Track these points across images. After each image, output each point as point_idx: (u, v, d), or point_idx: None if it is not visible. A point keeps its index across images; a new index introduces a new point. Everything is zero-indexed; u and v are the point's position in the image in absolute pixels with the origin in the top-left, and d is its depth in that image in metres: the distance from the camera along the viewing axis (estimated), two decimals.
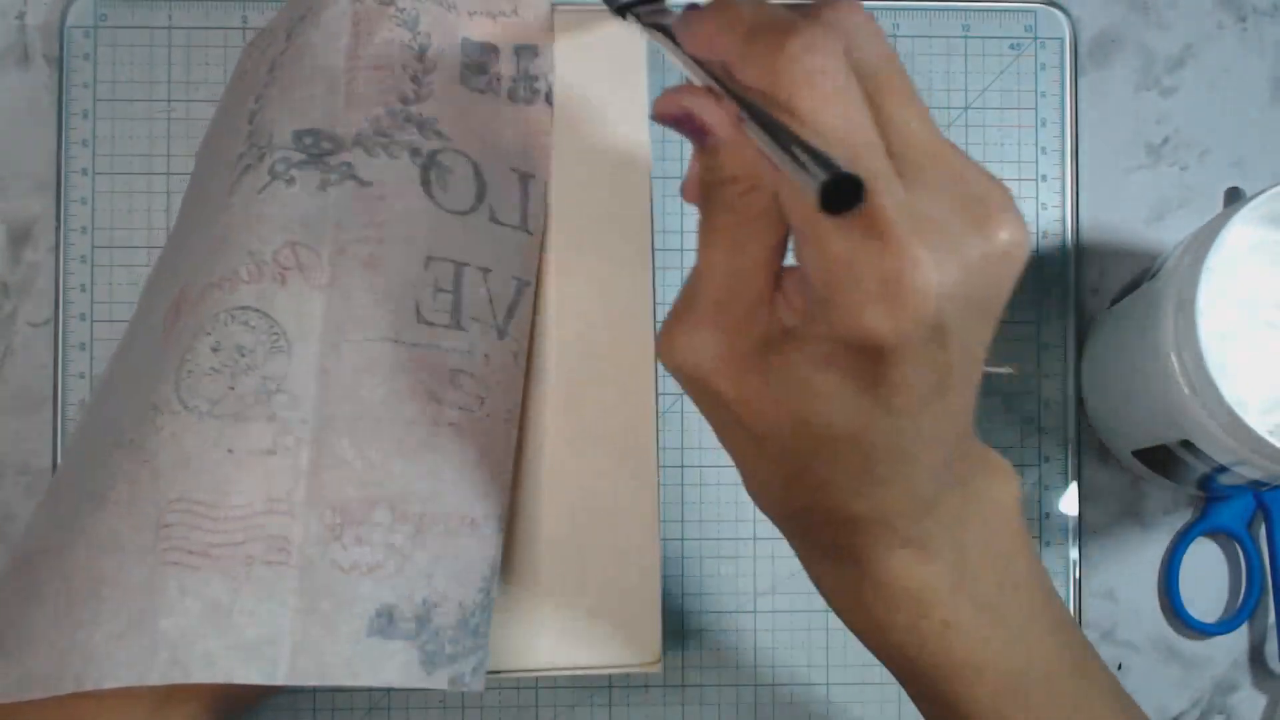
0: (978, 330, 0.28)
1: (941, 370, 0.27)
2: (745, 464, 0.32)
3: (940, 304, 0.26)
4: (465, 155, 0.41)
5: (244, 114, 0.41)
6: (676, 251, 0.49)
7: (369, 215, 0.39)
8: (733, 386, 0.29)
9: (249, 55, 0.44)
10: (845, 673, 0.49)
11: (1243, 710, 0.50)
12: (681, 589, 0.49)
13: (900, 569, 0.31)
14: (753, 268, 0.29)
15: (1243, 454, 0.40)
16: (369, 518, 0.37)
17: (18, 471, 0.48)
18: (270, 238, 0.38)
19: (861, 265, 0.26)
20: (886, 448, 0.29)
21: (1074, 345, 0.50)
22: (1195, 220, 0.46)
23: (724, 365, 0.29)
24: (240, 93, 0.43)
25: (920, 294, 0.26)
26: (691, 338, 0.29)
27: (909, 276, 0.25)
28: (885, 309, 0.26)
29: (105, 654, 0.34)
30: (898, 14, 0.50)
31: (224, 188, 0.40)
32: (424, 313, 0.39)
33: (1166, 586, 0.50)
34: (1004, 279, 0.27)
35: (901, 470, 0.29)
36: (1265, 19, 0.51)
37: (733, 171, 0.29)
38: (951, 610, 0.32)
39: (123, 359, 0.41)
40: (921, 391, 0.28)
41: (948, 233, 0.26)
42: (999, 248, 0.27)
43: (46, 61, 0.49)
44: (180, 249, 0.41)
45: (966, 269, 0.26)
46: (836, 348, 0.27)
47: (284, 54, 0.41)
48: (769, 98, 0.27)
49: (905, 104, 0.27)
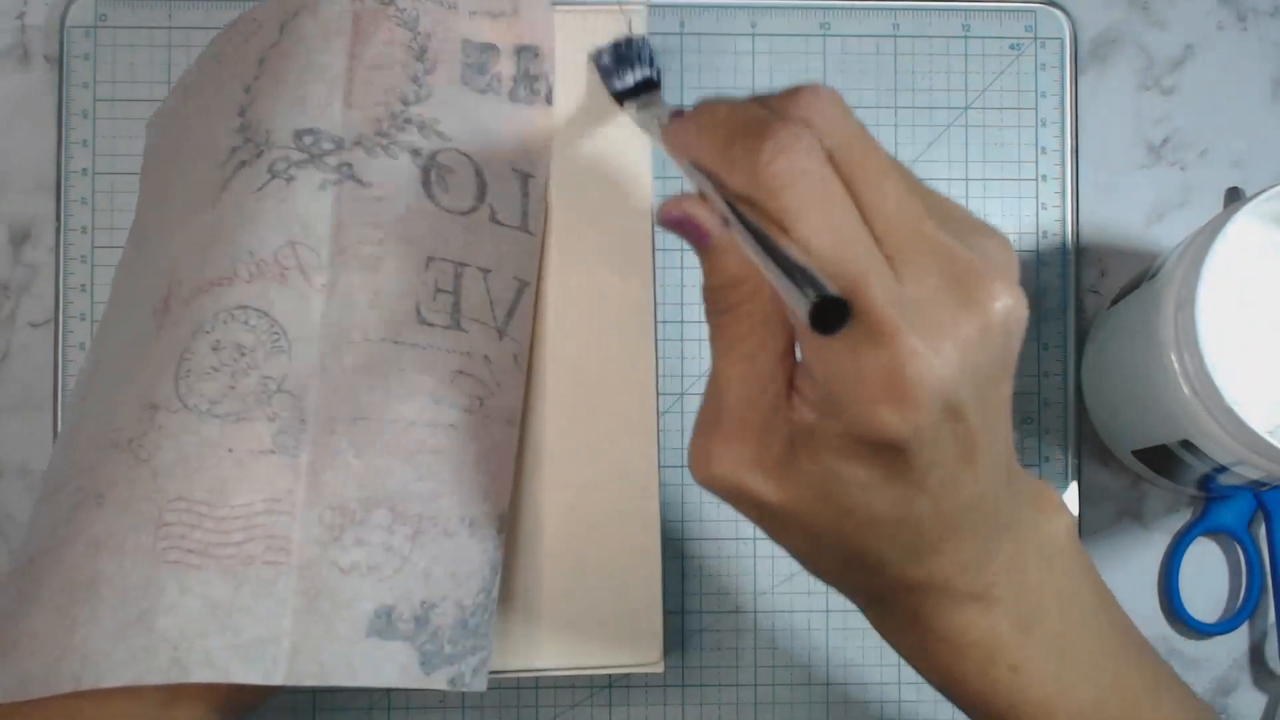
0: (994, 393, 0.28)
1: (965, 440, 0.28)
2: (804, 557, 0.32)
3: (945, 388, 0.26)
4: (466, 155, 0.41)
5: (231, 105, 0.41)
6: (676, 251, 0.49)
7: (369, 216, 0.39)
8: (773, 492, 0.30)
9: (228, 39, 0.44)
10: (845, 672, 0.49)
11: (1243, 710, 0.50)
12: (682, 589, 0.49)
13: (964, 623, 0.32)
14: (767, 374, 0.30)
15: (1243, 454, 0.40)
16: (368, 518, 0.37)
17: (18, 471, 0.48)
18: (270, 237, 0.38)
19: (863, 366, 0.26)
20: (932, 519, 0.29)
21: (1074, 345, 0.50)
22: (1195, 220, 0.46)
23: (759, 474, 0.30)
24: (220, 78, 0.43)
25: (924, 386, 0.26)
26: (722, 454, 0.30)
27: (910, 370, 0.26)
28: (892, 407, 0.26)
29: (104, 653, 0.34)
30: (898, 14, 0.50)
31: (213, 181, 0.40)
32: (424, 313, 0.39)
33: (1166, 586, 0.50)
34: (1007, 345, 0.28)
35: (951, 535, 0.30)
36: (1265, 19, 0.51)
37: (734, 273, 0.29)
38: (1019, 654, 0.32)
39: (106, 350, 0.41)
40: (950, 465, 0.28)
41: (941, 316, 0.26)
42: (995, 319, 0.27)
43: (46, 61, 0.49)
44: (162, 239, 0.41)
45: (965, 348, 0.27)
46: (857, 443, 0.27)
47: (276, 47, 0.41)
48: (754, 203, 0.27)
49: (881, 183, 0.27)
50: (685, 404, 0.49)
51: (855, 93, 0.50)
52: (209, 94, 0.43)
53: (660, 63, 0.41)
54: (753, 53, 0.50)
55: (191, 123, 0.43)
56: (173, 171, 0.43)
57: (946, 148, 0.50)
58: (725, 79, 0.50)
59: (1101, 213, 0.51)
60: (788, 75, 0.50)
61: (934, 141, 0.50)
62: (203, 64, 0.44)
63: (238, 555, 0.36)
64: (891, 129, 0.50)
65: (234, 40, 0.43)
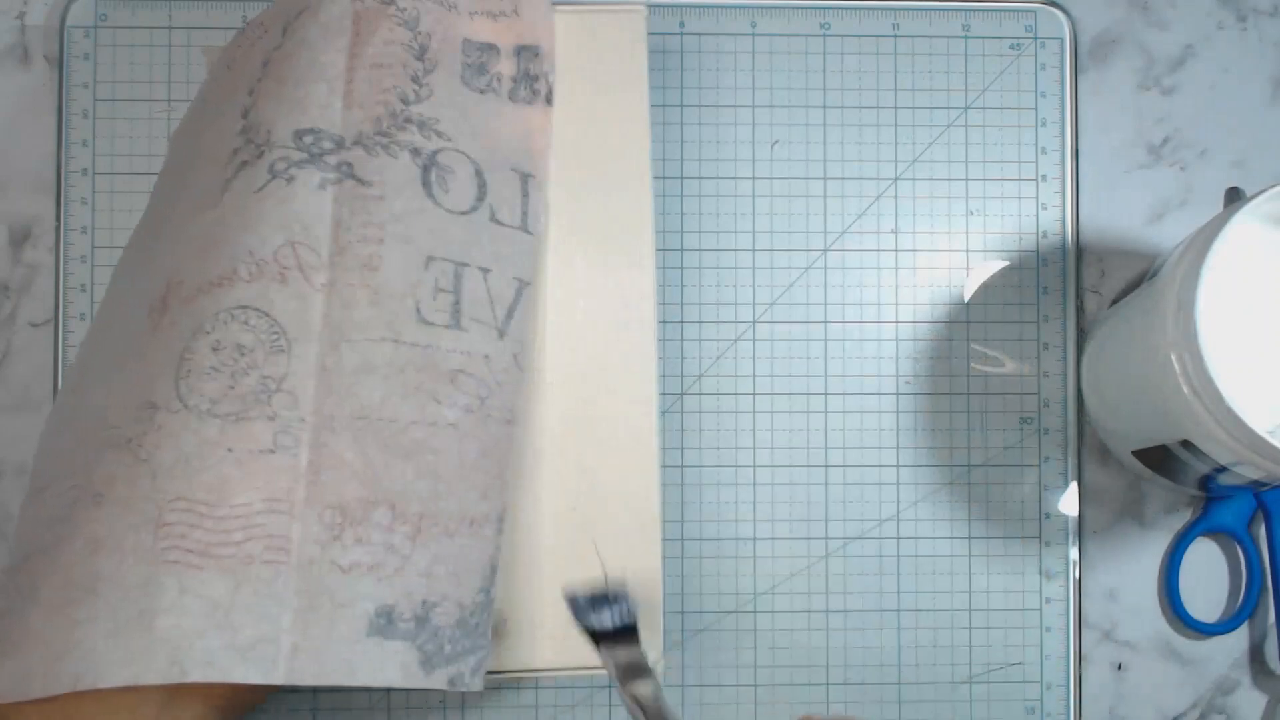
0: None
1: None
2: None
3: None
4: (466, 155, 0.41)
5: (236, 108, 0.41)
6: (676, 251, 0.49)
7: (369, 215, 0.39)
8: None
9: (238, 46, 0.44)
10: (845, 673, 0.49)
11: (1243, 710, 0.50)
12: (682, 589, 0.49)
13: None
14: None
15: (1243, 454, 0.40)
16: (368, 517, 0.37)
17: (18, 472, 0.48)
18: (270, 237, 0.38)
19: None
20: None
21: (1074, 345, 0.50)
22: (1195, 220, 0.46)
23: None
24: (229, 85, 0.43)
25: None
26: None
27: None
28: None
29: (103, 653, 0.34)
30: (898, 14, 0.50)
31: (215, 182, 0.40)
32: (424, 313, 0.39)
33: (1166, 586, 0.50)
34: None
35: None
36: (1265, 19, 0.51)
37: None
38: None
39: (99, 347, 0.41)
40: None
41: None
42: None
43: (46, 61, 0.49)
44: (162, 239, 0.41)
45: None
46: None
47: (279, 49, 0.41)
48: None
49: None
50: (685, 404, 0.49)
51: (855, 93, 0.50)
52: (218, 100, 0.43)
53: (636, 610, 0.40)
54: (753, 53, 0.50)
55: (202, 129, 0.43)
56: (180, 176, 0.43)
57: (946, 148, 0.50)
58: (725, 79, 0.50)
59: (1101, 213, 0.51)
60: (788, 75, 0.50)
61: (934, 141, 0.50)
62: (216, 72, 0.45)
63: (237, 555, 0.36)
64: (891, 129, 0.50)
65: (242, 46, 0.43)
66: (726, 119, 0.50)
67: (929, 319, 0.50)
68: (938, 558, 0.49)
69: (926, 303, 0.50)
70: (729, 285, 0.49)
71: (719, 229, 0.50)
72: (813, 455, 0.49)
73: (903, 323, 0.50)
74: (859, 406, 0.50)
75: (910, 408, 0.50)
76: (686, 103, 0.50)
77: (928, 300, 0.50)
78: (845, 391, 0.50)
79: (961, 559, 0.49)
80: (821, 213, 0.50)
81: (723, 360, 0.49)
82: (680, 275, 0.49)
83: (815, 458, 0.49)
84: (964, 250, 0.50)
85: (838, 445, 0.49)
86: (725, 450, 0.49)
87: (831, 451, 0.49)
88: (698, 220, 0.50)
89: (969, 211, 0.50)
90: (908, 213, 0.50)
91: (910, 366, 0.50)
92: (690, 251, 0.50)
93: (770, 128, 0.50)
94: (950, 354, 0.50)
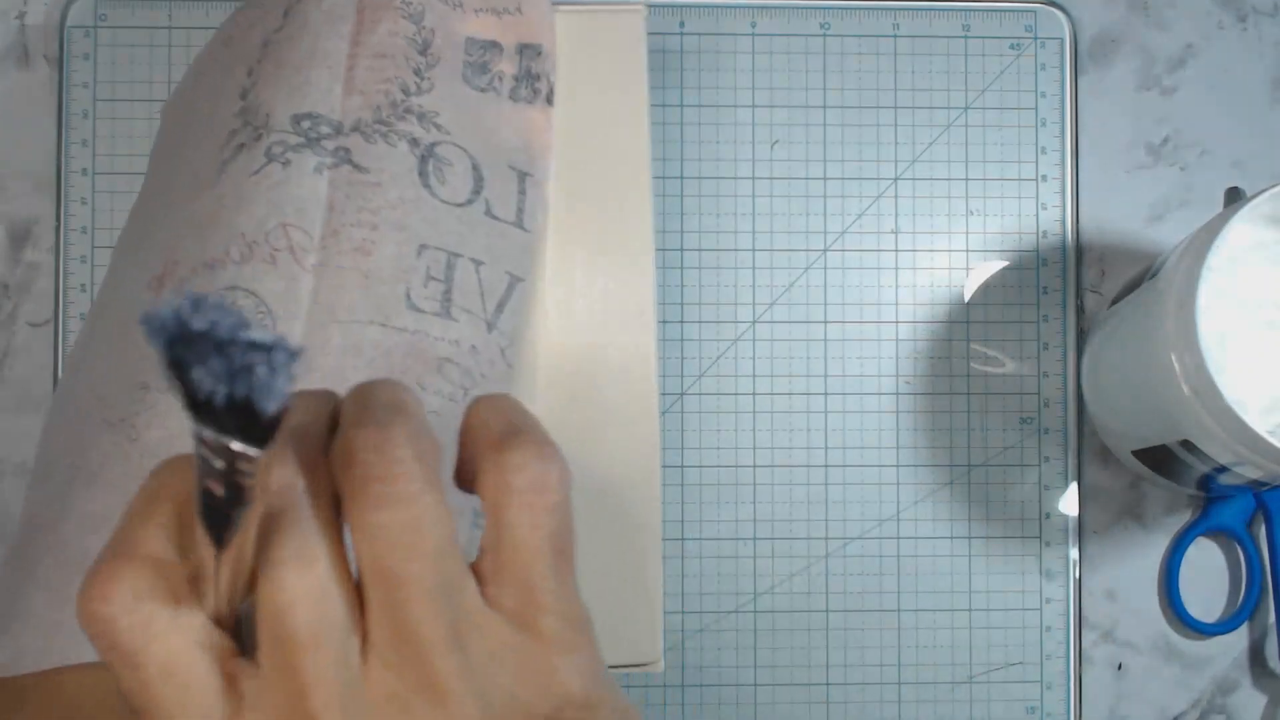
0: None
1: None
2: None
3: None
4: (464, 150, 0.41)
5: (234, 88, 0.41)
6: (676, 251, 0.49)
7: (364, 200, 0.39)
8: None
9: (235, 23, 0.44)
10: (845, 673, 0.49)
11: (1243, 710, 0.50)
12: (682, 589, 0.49)
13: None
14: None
15: (1243, 454, 0.40)
16: None
17: (18, 472, 0.48)
18: (263, 219, 0.38)
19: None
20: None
21: (1074, 345, 0.50)
22: (1195, 220, 0.46)
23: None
24: (227, 62, 0.43)
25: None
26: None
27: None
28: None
29: None
30: (898, 14, 0.50)
31: (213, 163, 0.40)
32: (414, 299, 0.39)
33: (1166, 586, 0.50)
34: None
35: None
36: (1265, 19, 0.51)
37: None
38: None
39: (101, 325, 0.41)
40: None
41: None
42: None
43: (46, 61, 0.49)
44: (160, 217, 0.41)
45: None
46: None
47: (280, 31, 0.41)
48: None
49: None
50: (685, 404, 0.49)
51: (855, 93, 0.50)
52: (215, 76, 0.43)
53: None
54: (753, 53, 0.50)
55: (198, 105, 0.43)
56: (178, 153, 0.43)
57: (946, 148, 0.50)
58: (725, 79, 0.50)
59: (1101, 213, 0.51)
60: (788, 75, 0.50)
61: (934, 141, 0.50)
62: (213, 47, 0.45)
63: None
64: (891, 129, 0.50)
65: (241, 25, 0.43)
66: (726, 119, 0.50)
67: (929, 319, 0.50)
68: (938, 558, 0.49)
69: (926, 303, 0.50)
70: (729, 285, 0.49)
71: (719, 229, 0.50)
72: (812, 455, 0.49)
73: (903, 323, 0.50)
74: (859, 406, 0.50)
75: (910, 408, 0.50)
76: (686, 103, 0.50)
77: (928, 300, 0.50)
78: (845, 391, 0.50)
79: (961, 559, 0.49)
80: (821, 212, 0.50)
81: (723, 360, 0.49)
82: (680, 275, 0.49)
83: (815, 458, 0.49)
84: (964, 250, 0.50)
85: (837, 445, 0.49)
86: (725, 450, 0.49)
87: (831, 451, 0.49)
88: (698, 220, 0.50)
89: (969, 211, 0.50)
90: (908, 213, 0.50)
91: (910, 366, 0.50)
92: (690, 251, 0.49)
93: (770, 128, 0.50)
94: (950, 354, 0.50)
